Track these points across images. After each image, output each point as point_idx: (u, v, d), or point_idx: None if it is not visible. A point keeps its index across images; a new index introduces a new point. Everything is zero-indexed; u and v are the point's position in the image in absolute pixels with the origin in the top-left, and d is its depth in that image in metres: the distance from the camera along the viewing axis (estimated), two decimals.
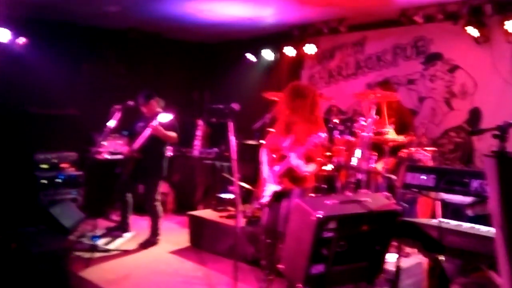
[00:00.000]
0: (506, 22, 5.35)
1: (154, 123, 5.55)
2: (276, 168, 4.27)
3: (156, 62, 8.44)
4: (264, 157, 4.45)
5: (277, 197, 4.28)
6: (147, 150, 5.72)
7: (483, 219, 2.94)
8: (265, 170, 4.38)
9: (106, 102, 5.88)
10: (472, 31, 5.70)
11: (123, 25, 7.61)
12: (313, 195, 4.97)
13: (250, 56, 8.20)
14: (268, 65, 8.14)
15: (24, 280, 4.11)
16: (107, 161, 6.94)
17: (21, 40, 6.71)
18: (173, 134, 5.74)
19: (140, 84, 6.88)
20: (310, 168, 4.21)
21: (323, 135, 4.05)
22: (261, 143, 4.67)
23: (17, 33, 6.65)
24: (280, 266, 3.37)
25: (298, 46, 7.50)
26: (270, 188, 4.29)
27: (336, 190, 5.35)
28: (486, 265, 2.92)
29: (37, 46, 6.84)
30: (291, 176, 4.23)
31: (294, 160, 4.10)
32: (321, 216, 3.04)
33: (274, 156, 4.36)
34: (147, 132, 5.61)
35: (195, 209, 6.78)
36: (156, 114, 5.66)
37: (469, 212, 3.11)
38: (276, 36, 7.74)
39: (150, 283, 4.70)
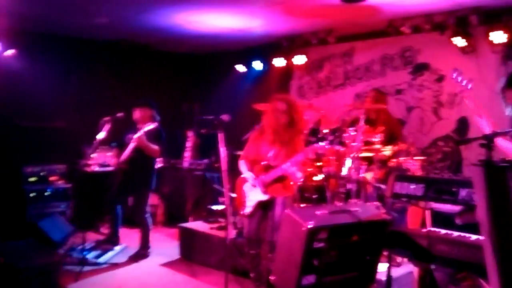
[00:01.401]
0: (491, 33, 5.44)
1: (138, 134, 5.54)
2: (262, 177, 4.27)
3: (146, 73, 8.44)
4: (243, 167, 4.45)
5: (262, 206, 4.28)
6: (135, 162, 5.69)
7: (473, 228, 2.96)
8: (249, 178, 4.37)
9: (95, 114, 5.86)
10: (459, 41, 5.77)
11: (112, 37, 7.62)
12: (303, 205, 4.98)
13: (239, 67, 8.22)
14: (257, 76, 8.17)
15: None
16: (96, 174, 6.90)
17: (10, 52, 6.68)
18: (155, 147, 5.70)
19: (129, 96, 6.87)
20: (300, 175, 4.27)
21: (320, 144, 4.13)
22: (239, 155, 4.66)
23: (5, 45, 6.63)
24: (271, 277, 3.37)
25: (287, 57, 7.54)
26: (254, 198, 4.29)
27: (326, 200, 5.36)
28: (476, 273, 2.94)
29: (25, 58, 6.82)
30: (279, 184, 4.25)
31: (290, 167, 4.11)
32: (311, 226, 3.05)
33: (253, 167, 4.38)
34: (132, 144, 5.60)
35: (185, 221, 6.75)
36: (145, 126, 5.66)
37: (458, 221, 3.13)
38: (265, 47, 7.79)
39: None
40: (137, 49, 8.07)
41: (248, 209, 4.31)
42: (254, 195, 4.30)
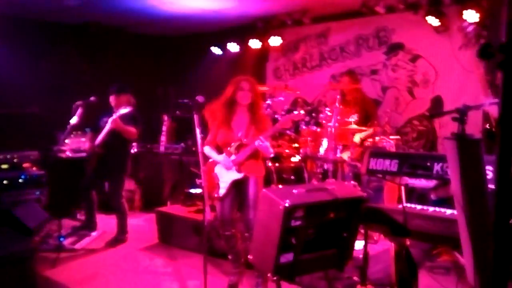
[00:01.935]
0: (464, 12, 5.47)
1: (114, 116, 5.44)
2: (233, 157, 4.25)
3: (119, 56, 8.29)
4: (212, 152, 4.41)
5: (235, 186, 4.28)
6: (109, 146, 5.60)
7: (447, 202, 3.00)
8: (221, 160, 4.35)
9: (68, 99, 5.74)
10: (432, 20, 5.81)
11: (83, 20, 7.45)
12: (280, 186, 4.99)
13: (214, 49, 8.14)
14: (233, 58, 8.10)
15: None
16: (70, 160, 6.78)
17: None
18: (132, 128, 5.62)
19: (102, 80, 6.74)
20: (272, 150, 4.29)
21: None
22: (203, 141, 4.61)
23: None
24: (249, 257, 3.37)
25: (262, 38, 7.50)
26: (227, 179, 4.27)
27: (303, 180, 5.38)
28: (451, 247, 2.99)
29: None
30: (252, 162, 4.24)
31: (262, 142, 4.09)
32: (288, 205, 3.04)
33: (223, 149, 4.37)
34: (108, 126, 5.50)
35: (163, 205, 6.70)
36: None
37: (433, 196, 3.18)
38: (240, 29, 7.72)
39: (119, 282, 4.63)
40: (109, 32, 7.92)
41: (222, 191, 4.29)
42: (227, 176, 4.28)
